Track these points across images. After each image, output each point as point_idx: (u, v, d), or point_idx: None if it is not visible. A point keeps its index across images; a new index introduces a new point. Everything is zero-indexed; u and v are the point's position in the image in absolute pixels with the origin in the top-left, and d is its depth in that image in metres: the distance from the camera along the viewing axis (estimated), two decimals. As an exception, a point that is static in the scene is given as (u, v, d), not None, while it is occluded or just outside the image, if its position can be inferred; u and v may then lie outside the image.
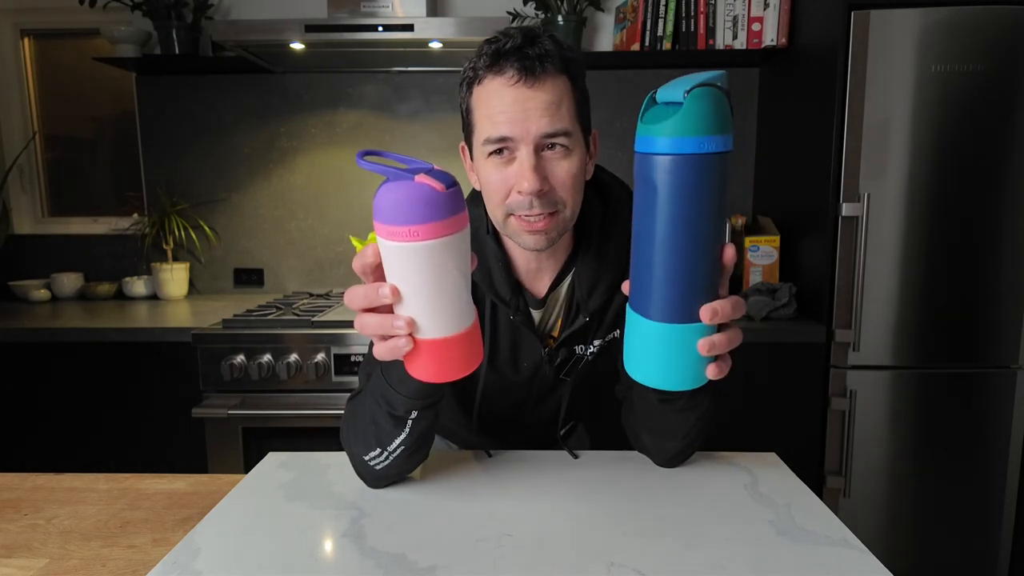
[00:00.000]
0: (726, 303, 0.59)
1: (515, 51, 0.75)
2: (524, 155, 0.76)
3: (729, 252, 0.60)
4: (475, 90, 0.79)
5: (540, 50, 0.75)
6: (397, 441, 0.77)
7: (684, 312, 0.57)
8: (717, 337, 0.60)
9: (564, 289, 0.90)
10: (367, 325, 0.63)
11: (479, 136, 0.79)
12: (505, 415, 0.99)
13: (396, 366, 0.71)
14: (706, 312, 0.58)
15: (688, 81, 0.53)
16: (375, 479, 0.82)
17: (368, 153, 0.57)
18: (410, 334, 0.61)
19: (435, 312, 0.60)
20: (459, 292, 0.60)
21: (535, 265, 0.89)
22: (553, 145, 0.76)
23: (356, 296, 0.63)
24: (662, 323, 0.58)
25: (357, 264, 0.63)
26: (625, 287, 0.66)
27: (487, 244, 0.88)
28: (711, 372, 0.62)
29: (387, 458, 0.78)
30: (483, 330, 0.91)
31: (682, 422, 0.82)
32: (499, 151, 0.77)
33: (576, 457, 0.92)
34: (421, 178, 0.55)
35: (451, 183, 0.57)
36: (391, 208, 0.55)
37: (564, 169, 0.78)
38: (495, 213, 0.81)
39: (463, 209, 0.59)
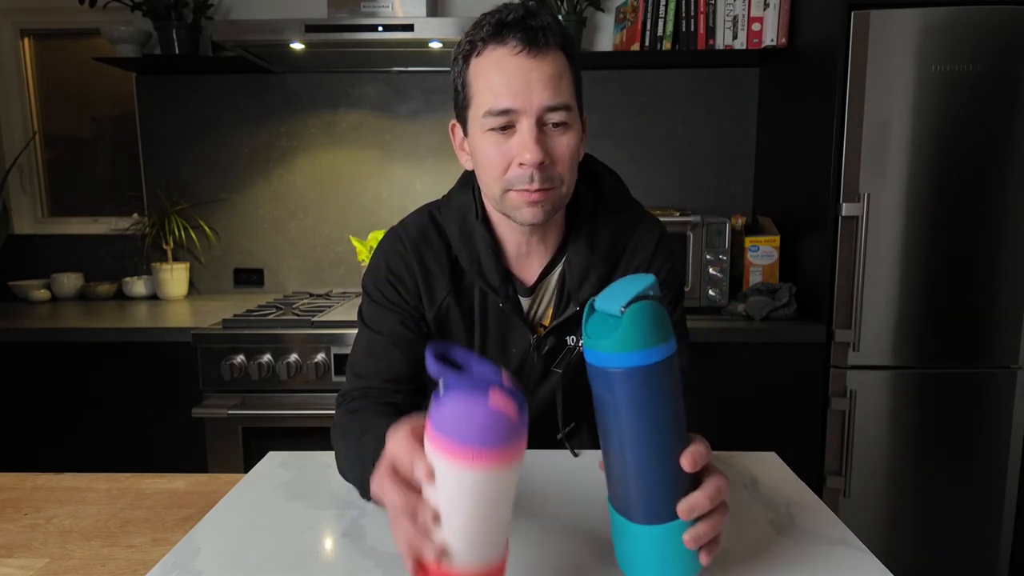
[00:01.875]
0: (701, 497, 0.56)
1: (518, 22, 0.75)
2: (526, 127, 0.75)
3: (687, 461, 0.56)
4: (473, 62, 0.78)
5: (543, 22, 0.76)
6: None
7: (662, 513, 0.56)
8: (701, 528, 0.56)
9: (555, 278, 0.90)
10: (400, 534, 0.53)
11: (478, 109, 0.78)
12: None
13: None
14: (683, 511, 0.56)
15: (622, 293, 0.54)
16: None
17: (437, 351, 0.52)
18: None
19: (470, 543, 0.52)
20: (502, 526, 0.53)
21: (525, 250, 0.89)
22: (555, 121, 0.77)
23: (396, 508, 0.53)
24: (644, 525, 0.57)
25: (398, 469, 0.55)
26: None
27: (476, 229, 0.87)
28: (703, 559, 0.57)
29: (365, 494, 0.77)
30: (472, 318, 0.90)
31: None
32: (501, 127, 0.76)
33: (576, 455, 0.92)
34: (496, 397, 0.48)
35: (521, 402, 0.50)
36: (456, 423, 0.48)
37: (564, 144, 0.78)
38: (492, 189, 0.81)
39: (526, 431, 0.52)
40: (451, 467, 0.49)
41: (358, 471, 0.76)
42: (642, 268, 0.91)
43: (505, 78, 0.75)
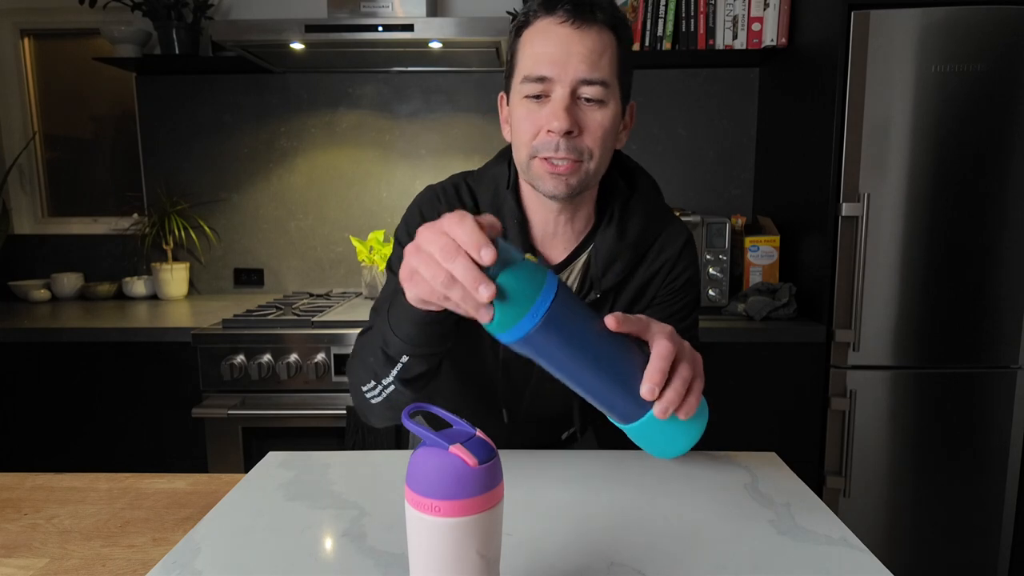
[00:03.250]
0: (653, 372, 0.56)
1: None
2: (559, 95, 0.77)
3: (613, 324, 0.57)
4: (523, 33, 0.80)
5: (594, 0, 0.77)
6: (389, 378, 0.77)
7: (639, 406, 0.59)
8: (665, 399, 0.57)
9: (580, 263, 0.90)
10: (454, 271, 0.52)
11: (519, 75, 0.80)
12: (517, 403, 0.97)
13: (400, 305, 0.69)
14: (645, 394, 0.57)
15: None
16: (371, 414, 0.84)
17: (417, 408, 0.55)
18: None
19: None
20: (479, 571, 0.55)
21: (552, 229, 0.88)
22: (589, 96, 0.77)
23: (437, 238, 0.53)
24: (634, 424, 0.60)
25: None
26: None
27: (506, 201, 0.88)
28: (681, 415, 0.59)
29: (380, 392, 0.79)
30: None
31: None
32: (536, 96, 0.78)
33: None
34: (455, 449, 0.52)
35: (487, 457, 0.53)
36: (417, 476, 0.52)
37: (596, 119, 0.78)
38: (520, 155, 0.82)
39: (497, 484, 0.54)
40: (419, 520, 0.52)
41: (379, 325, 0.75)
42: (665, 268, 0.91)
43: (546, 46, 0.77)
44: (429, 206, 0.90)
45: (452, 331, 0.74)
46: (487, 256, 0.50)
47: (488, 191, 0.90)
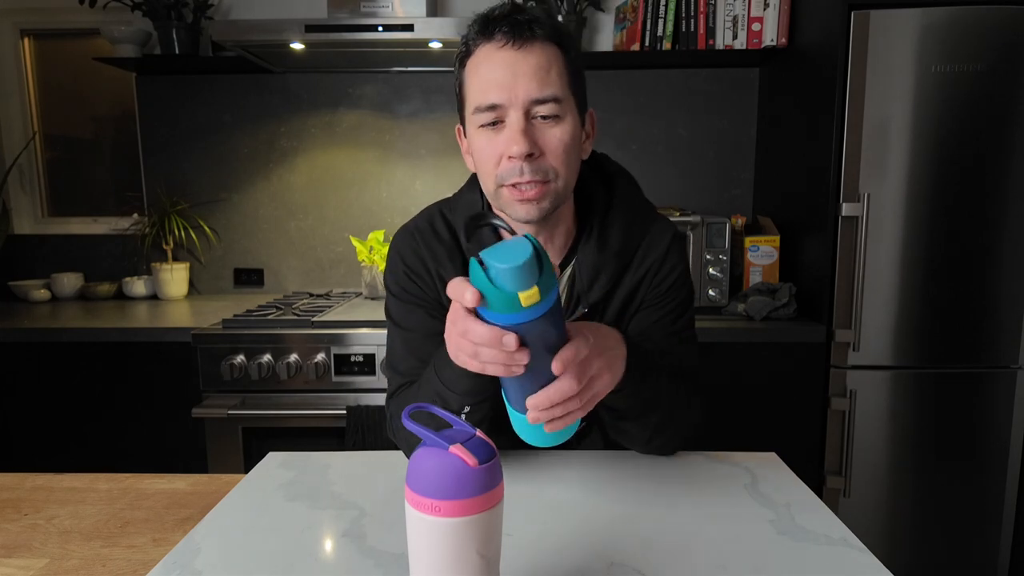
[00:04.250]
0: (542, 396, 0.62)
1: (504, 17, 0.76)
2: (514, 119, 0.76)
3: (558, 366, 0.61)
4: (467, 63, 0.80)
5: (530, 15, 0.76)
6: None
7: (522, 406, 0.64)
8: (542, 416, 0.63)
9: (564, 280, 0.89)
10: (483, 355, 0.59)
11: (470, 106, 0.79)
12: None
13: (448, 366, 0.70)
14: (529, 417, 0.64)
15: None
16: None
17: (418, 407, 0.57)
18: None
19: None
20: (479, 571, 0.55)
21: None
22: (544, 114, 0.76)
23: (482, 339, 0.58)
24: (513, 410, 0.67)
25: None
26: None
27: (482, 229, 0.87)
28: (547, 428, 0.65)
29: None
30: None
31: (635, 429, 0.84)
32: (491, 123, 0.77)
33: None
34: (455, 449, 0.52)
35: (487, 457, 0.53)
36: (418, 476, 0.53)
37: (555, 136, 0.77)
38: (487, 185, 0.81)
39: (497, 484, 0.54)
40: (419, 519, 0.52)
41: (431, 385, 0.78)
42: (651, 271, 0.89)
43: (491, 72, 0.76)
44: (408, 249, 0.90)
45: None
46: (509, 343, 0.56)
47: (463, 219, 0.89)
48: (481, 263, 0.54)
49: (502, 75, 0.75)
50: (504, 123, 0.77)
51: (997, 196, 1.72)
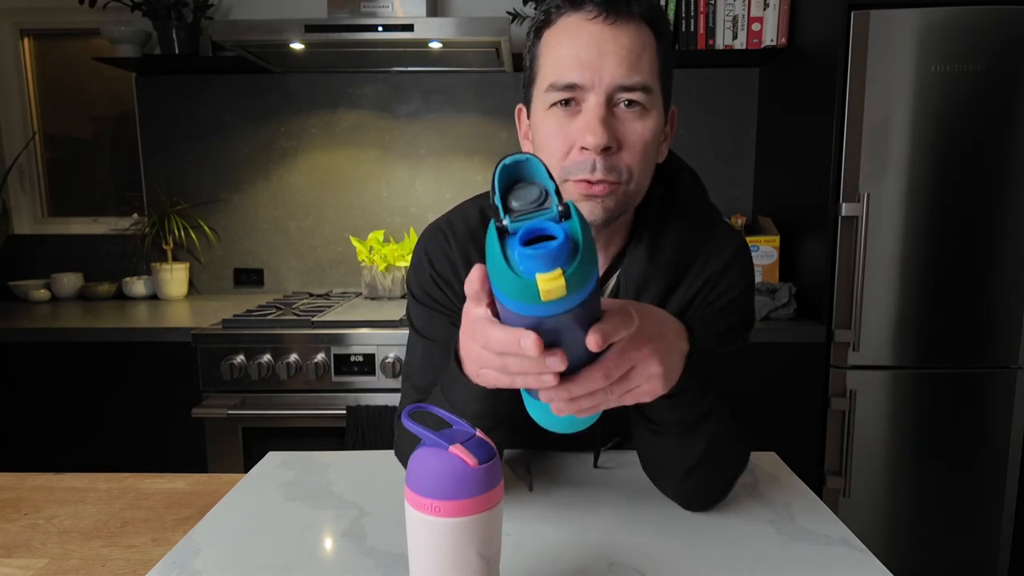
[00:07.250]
0: (575, 388, 0.52)
1: None
2: (592, 105, 0.66)
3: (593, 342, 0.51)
4: (545, 34, 0.70)
5: None
6: None
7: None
8: (568, 408, 0.54)
9: (609, 287, 0.80)
10: (510, 367, 0.51)
11: (542, 82, 0.69)
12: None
13: (459, 387, 0.64)
14: (554, 410, 0.54)
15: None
16: None
17: (417, 407, 0.56)
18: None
19: None
20: (479, 572, 0.55)
21: None
22: (629, 101, 0.67)
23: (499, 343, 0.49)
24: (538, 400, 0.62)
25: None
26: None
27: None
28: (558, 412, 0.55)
29: None
30: None
31: (674, 456, 0.72)
32: (565, 101, 0.67)
33: (596, 467, 0.88)
34: (455, 449, 0.52)
35: (487, 457, 0.53)
36: (417, 476, 0.52)
37: (637, 131, 0.67)
38: None
39: (497, 484, 0.53)
40: (418, 519, 0.52)
41: (441, 396, 0.69)
42: (709, 284, 0.78)
43: (575, 47, 0.66)
44: (436, 249, 0.80)
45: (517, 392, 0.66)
46: (530, 347, 0.46)
47: None
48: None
49: (587, 52, 0.65)
50: (580, 107, 0.67)
51: (997, 196, 1.71)
